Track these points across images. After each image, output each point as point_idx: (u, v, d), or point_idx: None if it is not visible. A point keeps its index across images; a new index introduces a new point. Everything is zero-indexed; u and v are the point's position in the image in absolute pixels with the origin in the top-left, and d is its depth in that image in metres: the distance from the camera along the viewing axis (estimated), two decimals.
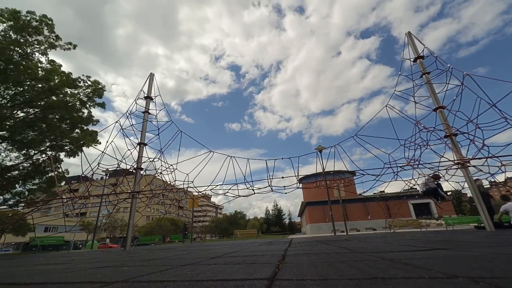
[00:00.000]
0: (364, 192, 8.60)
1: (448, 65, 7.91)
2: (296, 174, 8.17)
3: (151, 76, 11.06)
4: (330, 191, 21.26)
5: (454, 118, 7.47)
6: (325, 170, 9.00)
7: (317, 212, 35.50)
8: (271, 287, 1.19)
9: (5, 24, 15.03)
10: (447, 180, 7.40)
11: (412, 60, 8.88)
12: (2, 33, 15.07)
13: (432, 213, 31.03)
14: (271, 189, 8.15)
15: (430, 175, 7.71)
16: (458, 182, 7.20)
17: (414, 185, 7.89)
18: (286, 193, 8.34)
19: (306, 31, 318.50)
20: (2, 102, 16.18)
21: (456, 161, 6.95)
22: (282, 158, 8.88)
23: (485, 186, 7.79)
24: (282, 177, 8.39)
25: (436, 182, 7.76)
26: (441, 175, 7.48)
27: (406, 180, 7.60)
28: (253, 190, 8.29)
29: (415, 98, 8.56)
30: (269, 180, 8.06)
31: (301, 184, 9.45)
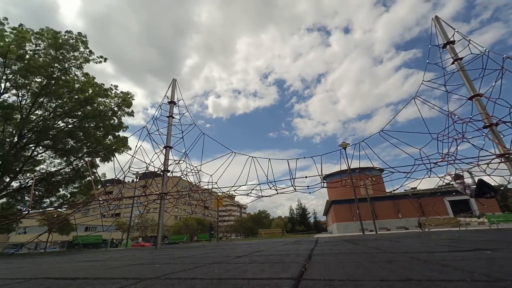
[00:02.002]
0: (394, 190, 8.16)
1: (484, 48, 7.22)
2: (320, 173, 7.99)
3: (174, 81, 11.50)
4: (356, 189, 20.48)
5: (494, 106, 6.78)
6: (350, 168, 8.69)
7: (344, 210, 34.39)
8: (297, 287, 1.18)
9: (45, 43, 16.63)
10: (489, 175, 6.75)
11: (441, 46, 8.23)
12: (44, 50, 16.70)
13: (473, 210, 28.52)
14: (294, 189, 8.05)
15: (452, 175, 7.01)
16: (503, 176, 6.54)
17: (451, 181, 7.31)
18: (310, 192, 8.20)
19: (349, 46, 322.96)
20: (46, 114, 17.93)
21: (498, 154, 6.31)
22: (304, 158, 8.75)
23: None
24: (306, 177, 8.26)
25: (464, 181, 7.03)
26: (461, 174, 6.81)
27: (442, 177, 7.07)
28: (276, 190, 8.26)
29: (446, 87, 7.94)
30: (292, 179, 7.98)
31: (325, 183, 9.22)
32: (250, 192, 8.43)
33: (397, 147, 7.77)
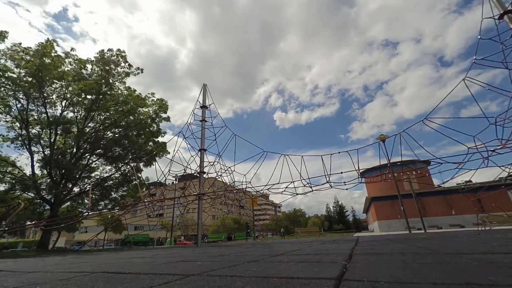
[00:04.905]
0: (443, 183, 7.35)
1: None
2: (357, 168, 7.58)
3: (204, 87, 11.96)
4: (399, 184, 18.96)
5: None
6: (390, 161, 8.07)
7: (386, 207, 32.10)
8: None
9: (98, 68, 19.06)
10: None
11: (496, 17, 7.16)
12: (96, 73, 19.03)
13: None
14: (330, 185, 7.78)
15: None
16: None
17: None
18: (347, 189, 7.84)
19: (417, 53, 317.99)
20: (97, 126, 20.15)
21: None
22: (339, 153, 8.39)
23: None
24: (341, 172, 7.92)
25: None
26: None
27: (505, 166, 6.13)
28: (310, 187, 8.07)
29: (507, 63, 6.87)
30: (327, 176, 7.71)
31: (363, 179, 8.72)
32: (284, 190, 8.36)
33: (445, 135, 6.92)
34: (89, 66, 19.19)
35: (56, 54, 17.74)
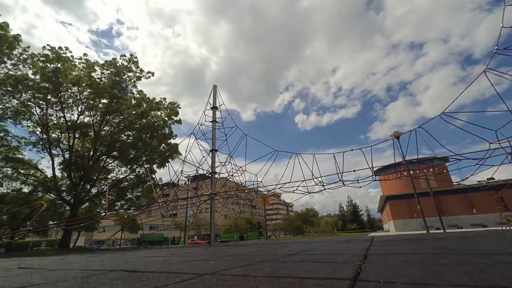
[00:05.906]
0: (462, 180, 7.04)
1: None
2: (371, 166, 7.41)
3: (215, 88, 12.07)
4: (415, 182, 18.37)
5: None
6: (405, 159, 7.83)
7: (401, 206, 31.17)
8: None
9: (108, 71, 19.66)
10: None
11: None
12: (107, 76, 19.65)
13: None
14: (343, 183, 7.65)
15: None
16: None
17: None
18: (360, 187, 7.69)
19: (443, 54, 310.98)
20: (112, 129, 20.83)
21: None
22: (352, 150, 8.23)
23: None
24: (354, 170, 7.77)
25: None
26: None
27: None
28: (323, 185, 7.97)
29: None
30: (339, 174, 7.59)
31: (377, 177, 8.50)
32: (296, 189, 8.31)
33: (466, 131, 6.59)
34: (98, 70, 19.81)
35: (68, 58, 18.53)
